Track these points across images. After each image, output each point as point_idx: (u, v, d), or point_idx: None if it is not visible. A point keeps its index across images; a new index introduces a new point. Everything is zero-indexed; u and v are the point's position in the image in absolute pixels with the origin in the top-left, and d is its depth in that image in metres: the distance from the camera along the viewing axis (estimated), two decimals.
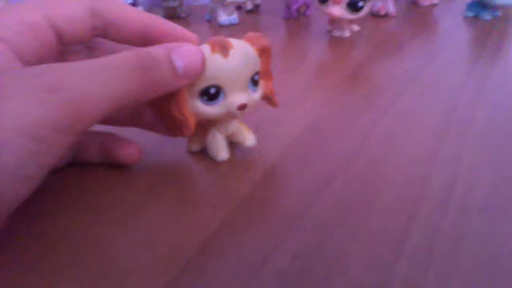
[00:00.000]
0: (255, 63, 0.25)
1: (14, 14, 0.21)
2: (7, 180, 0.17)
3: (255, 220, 0.22)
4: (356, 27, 0.55)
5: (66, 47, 0.24)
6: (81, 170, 0.27)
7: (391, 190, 0.24)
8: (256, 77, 0.25)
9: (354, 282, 0.18)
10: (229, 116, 0.25)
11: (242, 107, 0.24)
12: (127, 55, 0.20)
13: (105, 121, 0.26)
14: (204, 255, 0.20)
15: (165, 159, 0.28)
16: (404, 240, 0.20)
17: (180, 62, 0.22)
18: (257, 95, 0.25)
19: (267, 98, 0.27)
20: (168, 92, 0.22)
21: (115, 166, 0.27)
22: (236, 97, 0.24)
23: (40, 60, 0.22)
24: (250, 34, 0.25)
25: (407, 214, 0.22)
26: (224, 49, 0.23)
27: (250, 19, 0.63)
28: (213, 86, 0.23)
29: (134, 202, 0.24)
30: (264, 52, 0.25)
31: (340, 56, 0.48)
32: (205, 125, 0.26)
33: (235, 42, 0.24)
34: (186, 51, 0.22)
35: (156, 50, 0.21)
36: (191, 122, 0.24)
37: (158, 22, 0.24)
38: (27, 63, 0.21)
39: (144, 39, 0.24)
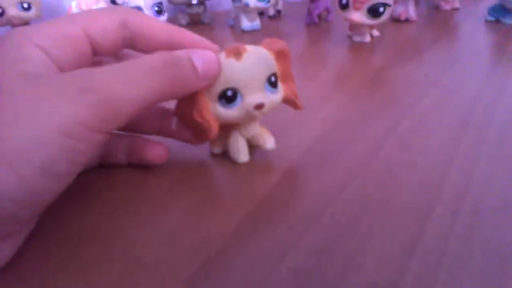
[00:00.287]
0: (270, 65, 0.25)
1: (56, 28, 0.22)
2: (42, 176, 0.19)
3: (274, 219, 0.23)
4: (376, 33, 0.56)
5: (98, 57, 0.25)
6: (107, 171, 0.28)
7: (407, 192, 0.25)
8: (272, 78, 0.25)
9: (368, 279, 0.19)
10: (248, 117, 0.26)
11: (259, 106, 0.25)
12: (152, 56, 0.22)
13: (134, 129, 0.28)
14: (224, 252, 0.21)
15: (187, 161, 0.29)
16: (417, 240, 0.21)
17: (199, 63, 0.23)
18: (276, 97, 0.26)
19: (290, 101, 0.28)
20: (190, 94, 0.24)
21: (139, 168, 0.28)
22: (253, 98, 0.25)
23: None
24: (267, 39, 0.26)
25: (421, 215, 0.23)
26: (237, 53, 0.24)
27: (272, 25, 0.64)
28: (229, 89, 0.24)
29: (157, 202, 0.25)
30: (281, 54, 0.26)
31: (361, 61, 0.48)
32: (227, 128, 0.28)
33: (249, 47, 0.25)
34: (203, 54, 0.23)
35: (176, 52, 0.23)
36: (214, 126, 0.25)
37: (183, 34, 0.25)
38: (65, 71, 0.22)
39: (170, 50, 0.25)
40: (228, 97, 0.25)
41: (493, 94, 0.37)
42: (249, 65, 0.24)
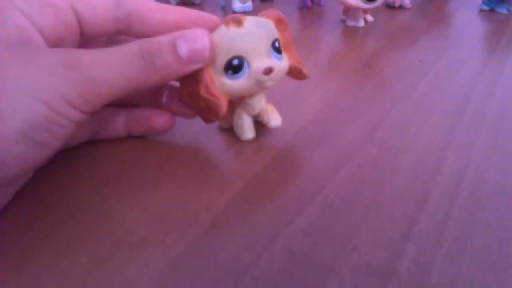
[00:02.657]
0: (272, 30, 0.25)
1: None
2: (18, 140, 0.18)
3: (266, 198, 0.22)
4: (370, 18, 0.55)
5: (88, 37, 0.25)
6: (94, 147, 0.27)
7: (402, 175, 0.24)
8: (276, 44, 0.25)
9: (363, 261, 0.19)
10: (258, 87, 0.25)
11: (268, 71, 0.24)
12: (129, 45, 0.22)
13: (125, 103, 0.28)
14: (213, 231, 0.20)
15: (177, 139, 0.28)
16: (413, 223, 0.21)
17: (185, 47, 0.22)
18: (282, 64, 0.25)
19: (295, 70, 0.27)
20: (176, 76, 0.23)
21: (128, 144, 0.27)
22: (260, 63, 0.24)
23: (62, 44, 0.23)
24: (263, 11, 0.26)
25: (417, 198, 0.22)
26: (237, 21, 0.23)
27: (264, 7, 0.63)
28: (234, 57, 0.23)
29: (146, 179, 0.24)
30: (280, 23, 0.25)
31: (354, 45, 0.47)
32: (232, 105, 0.27)
33: (248, 16, 0.24)
34: (191, 36, 0.22)
35: (158, 38, 0.22)
36: (223, 101, 0.24)
37: (179, 12, 0.24)
38: (48, 42, 0.22)
39: (167, 32, 0.24)
40: (235, 66, 0.24)
41: (489, 80, 0.36)
42: (252, 30, 0.23)
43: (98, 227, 0.21)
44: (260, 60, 0.24)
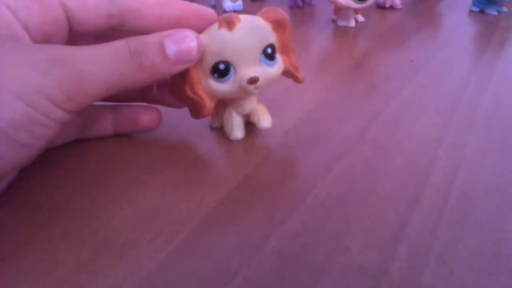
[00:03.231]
0: (266, 35, 0.24)
1: None
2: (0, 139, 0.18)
3: (257, 198, 0.22)
4: (361, 18, 0.55)
5: (80, 34, 0.24)
6: (81, 146, 0.27)
7: (394, 175, 0.24)
8: (269, 50, 0.24)
9: (355, 262, 0.18)
10: (243, 92, 0.24)
11: (253, 80, 0.23)
12: (118, 42, 0.21)
13: (116, 97, 0.27)
14: (203, 232, 0.20)
15: (168, 137, 0.28)
16: (405, 223, 0.20)
17: (172, 47, 0.22)
18: (273, 70, 0.24)
19: (290, 74, 0.26)
20: (164, 76, 0.22)
21: (117, 142, 0.27)
22: (246, 72, 0.23)
23: (49, 40, 0.22)
24: (265, 8, 0.24)
25: (409, 198, 0.22)
26: (229, 23, 0.22)
27: (255, 6, 0.62)
28: (221, 62, 0.23)
29: (134, 179, 0.24)
30: (279, 25, 0.24)
31: (345, 45, 0.47)
32: (223, 103, 0.26)
33: (244, 17, 0.23)
34: (180, 36, 0.22)
35: (147, 37, 0.22)
36: (207, 101, 0.24)
37: (175, 6, 0.23)
38: (34, 38, 0.21)
39: (164, 27, 0.23)
40: (221, 70, 0.23)
41: (479, 80, 0.36)
42: (242, 36, 0.23)
43: (86, 227, 0.20)
44: (248, 67, 0.23)
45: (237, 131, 0.27)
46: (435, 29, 0.53)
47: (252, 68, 0.23)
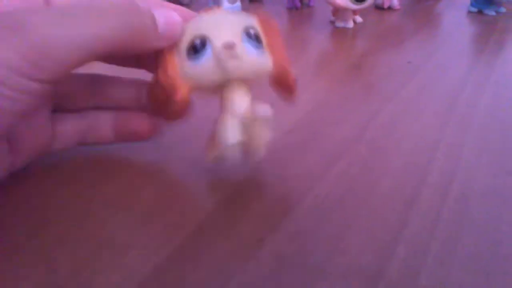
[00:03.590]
0: (247, 19, 0.22)
1: None
2: None
3: (253, 201, 0.22)
4: (359, 19, 0.55)
5: None
6: (77, 151, 0.26)
7: (392, 176, 0.24)
8: (251, 31, 0.21)
9: (353, 263, 0.18)
10: (220, 69, 0.21)
11: (228, 45, 0.20)
12: (104, 2, 0.19)
13: (104, 59, 0.25)
14: (199, 236, 0.20)
15: (163, 141, 0.27)
16: (404, 224, 0.20)
17: (161, 19, 0.21)
18: (261, 58, 0.22)
19: (280, 79, 0.23)
20: (149, 51, 0.21)
21: (113, 147, 0.26)
22: (223, 40, 0.21)
23: None
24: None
25: (407, 199, 0.22)
26: (208, 10, 0.22)
27: (253, 8, 0.62)
28: (197, 37, 0.21)
29: (130, 183, 0.24)
30: (266, 25, 0.23)
31: (344, 46, 0.47)
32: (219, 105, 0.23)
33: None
34: (166, 12, 0.21)
35: (138, 2, 0.21)
36: (180, 85, 0.21)
37: (162, 4, 0.23)
38: None
39: None
40: (196, 45, 0.21)
41: (477, 81, 0.36)
42: (220, 14, 0.22)
43: (81, 231, 0.20)
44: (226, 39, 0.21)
45: (232, 135, 0.21)
46: (433, 30, 0.53)
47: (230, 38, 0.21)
